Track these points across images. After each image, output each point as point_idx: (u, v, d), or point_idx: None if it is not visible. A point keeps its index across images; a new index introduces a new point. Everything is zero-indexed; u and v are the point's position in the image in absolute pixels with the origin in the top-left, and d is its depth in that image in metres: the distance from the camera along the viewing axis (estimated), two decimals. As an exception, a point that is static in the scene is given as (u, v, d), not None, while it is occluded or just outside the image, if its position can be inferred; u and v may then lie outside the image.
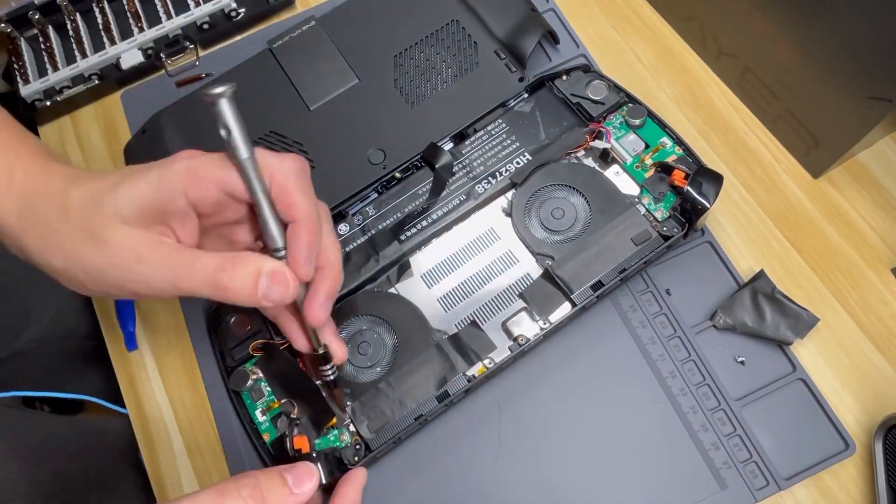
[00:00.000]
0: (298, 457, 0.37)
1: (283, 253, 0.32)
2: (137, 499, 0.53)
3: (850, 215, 0.45)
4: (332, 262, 0.34)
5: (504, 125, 0.46)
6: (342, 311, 0.42)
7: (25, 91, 0.53)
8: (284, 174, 0.31)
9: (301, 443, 0.37)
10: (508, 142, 0.45)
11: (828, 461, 0.38)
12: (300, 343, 0.36)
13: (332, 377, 0.37)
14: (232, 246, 0.35)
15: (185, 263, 0.30)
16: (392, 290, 0.43)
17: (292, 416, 0.39)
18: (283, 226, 0.32)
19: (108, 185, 0.31)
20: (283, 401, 0.40)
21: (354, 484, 0.34)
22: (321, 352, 0.36)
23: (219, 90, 0.29)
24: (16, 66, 0.54)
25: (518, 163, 0.44)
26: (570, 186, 0.43)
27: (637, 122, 0.44)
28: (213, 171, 0.31)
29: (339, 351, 0.37)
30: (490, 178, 0.44)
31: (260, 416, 0.40)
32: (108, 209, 0.30)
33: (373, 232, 0.44)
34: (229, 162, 0.31)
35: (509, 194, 0.44)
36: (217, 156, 0.31)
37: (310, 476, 0.30)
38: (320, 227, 0.33)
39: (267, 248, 0.32)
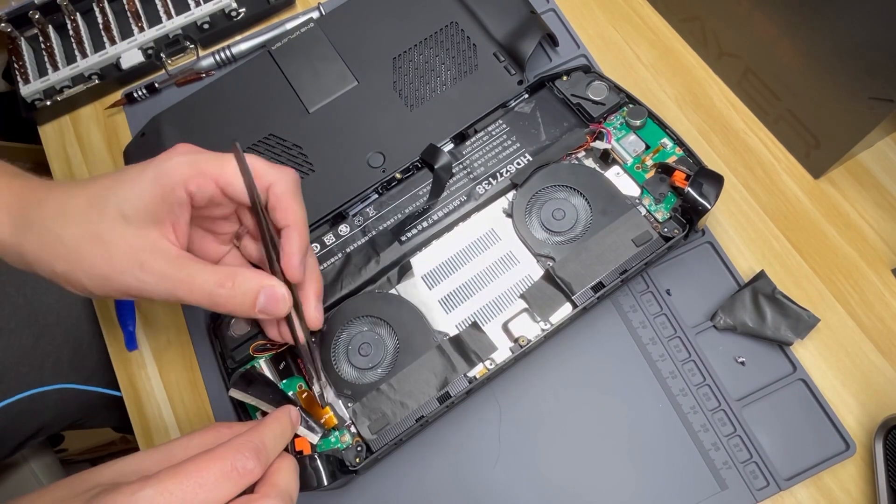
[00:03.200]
0: (299, 458, 0.37)
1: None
2: None
3: (851, 216, 0.45)
4: (313, 267, 0.37)
5: (504, 126, 0.46)
6: (343, 312, 0.42)
7: (25, 91, 0.53)
8: (284, 182, 0.34)
9: (302, 444, 0.37)
10: (509, 143, 0.45)
11: (828, 461, 0.38)
12: (287, 337, 0.38)
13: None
14: (216, 239, 0.37)
15: (185, 277, 0.32)
16: (393, 292, 0.43)
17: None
18: (276, 230, 0.35)
19: (105, 186, 0.32)
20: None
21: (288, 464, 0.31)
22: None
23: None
24: (16, 65, 0.54)
25: (518, 164, 0.44)
26: (570, 187, 0.43)
27: (637, 122, 0.44)
28: (214, 167, 0.33)
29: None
30: (490, 178, 0.44)
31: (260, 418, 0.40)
32: (110, 209, 0.31)
33: (373, 233, 0.44)
34: (228, 160, 0.33)
35: (510, 195, 0.44)
36: (216, 154, 0.33)
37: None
38: (308, 235, 0.35)
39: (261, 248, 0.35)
